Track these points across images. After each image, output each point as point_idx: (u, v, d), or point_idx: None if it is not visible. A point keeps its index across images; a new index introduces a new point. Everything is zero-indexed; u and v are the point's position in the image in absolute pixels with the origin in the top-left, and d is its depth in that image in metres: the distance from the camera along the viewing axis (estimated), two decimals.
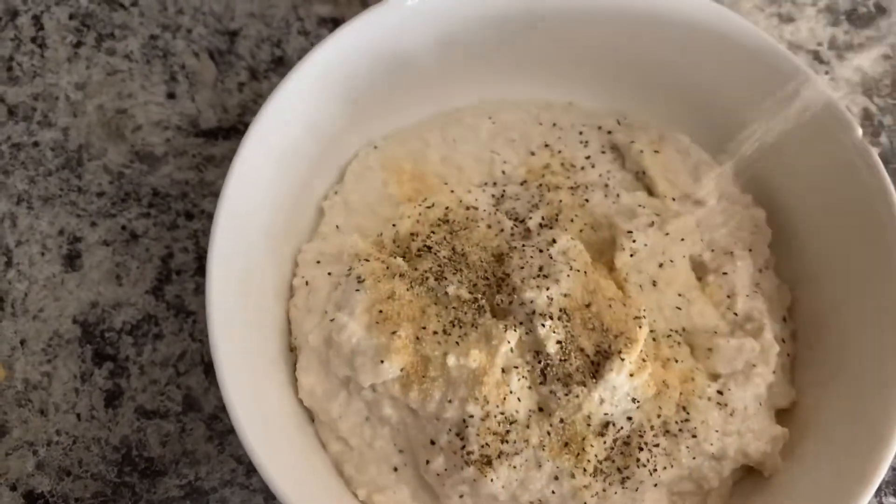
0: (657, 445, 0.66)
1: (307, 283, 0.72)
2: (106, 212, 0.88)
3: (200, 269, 0.86)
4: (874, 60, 0.99)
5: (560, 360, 0.64)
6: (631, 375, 0.64)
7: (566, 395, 0.63)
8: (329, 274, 0.71)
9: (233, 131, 0.92)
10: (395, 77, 0.78)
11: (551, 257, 0.66)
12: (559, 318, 0.65)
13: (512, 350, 0.64)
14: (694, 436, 0.67)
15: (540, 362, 0.64)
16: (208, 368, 0.82)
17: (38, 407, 0.80)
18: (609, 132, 0.79)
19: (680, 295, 0.71)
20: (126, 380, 0.82)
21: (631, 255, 0.69)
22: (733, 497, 0.71)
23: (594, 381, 0.63)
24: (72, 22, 0.96)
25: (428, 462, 0.65)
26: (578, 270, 0.66)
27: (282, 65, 0.95)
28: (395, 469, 0.67)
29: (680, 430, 0.67)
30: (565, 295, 0.65)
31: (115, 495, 0.78)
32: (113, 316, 0.84)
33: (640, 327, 0.64)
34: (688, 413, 0.67)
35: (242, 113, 0.93)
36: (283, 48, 0.96)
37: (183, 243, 0.87)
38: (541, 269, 0.66)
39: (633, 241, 0.69)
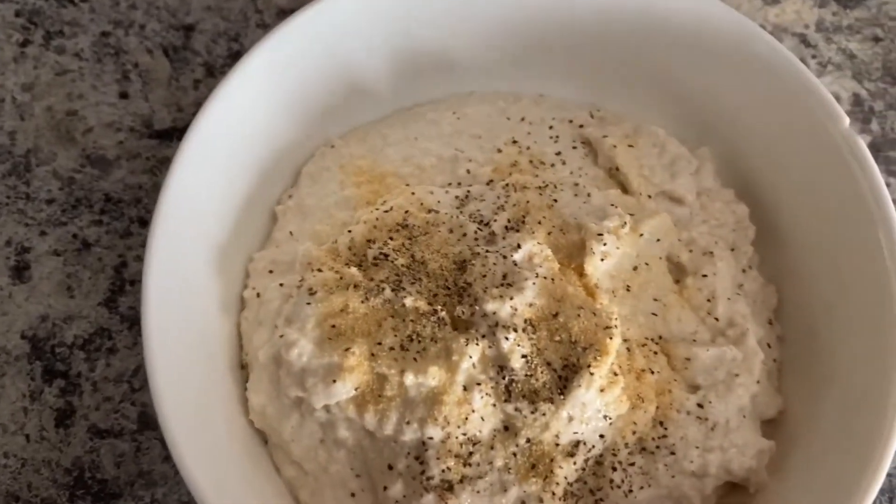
0: (632, 464, 0.62)
1: (258, 294, 0.68)
2: (56, 220, 0.84)
3: None
4: (864, 43, 0.94)
5: (525, 375, 0.59)
6: (602, 390, 0.59)
7: (532, 412, 0.59)
8: (281, 285, 0.66)
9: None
10: (353, 71, 0.74)
11: (515, 264, 0.62)
12: (524, 330, 0.60)
13: (474, 366, 0.60)
14: (672, 453, 0.62)
15: (504, 378, 0.60)
16: None
17: None
18: (581, 126, 0.75)
19: (656, 300, 0.67)
20: (78, 397, 0.78)
21: (602, 259, 0.64)
22: None
23: (562, 397, 0.59)
24: (18, 19, 0.91)
25: (386, 488, 0.61)
26: (545, 278, 0.62)
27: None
28: (353, 495, 0.63)
29: (657, 447, 0.62)
30: (530, 305, 0.61)
31: None
32: (64, 330, 0.80)
33: (610, 338, 0.60)
34: (665, 428, 0.63)
35: (198, 112, 0.88)
36: (240, 42, 0.91)
37: (137, 251, 0.83)
38: (504, 277, 0.62)
39: (605, 245, 0.64)
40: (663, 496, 0.63)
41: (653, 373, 0.63)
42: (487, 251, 0.63)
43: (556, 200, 0.66)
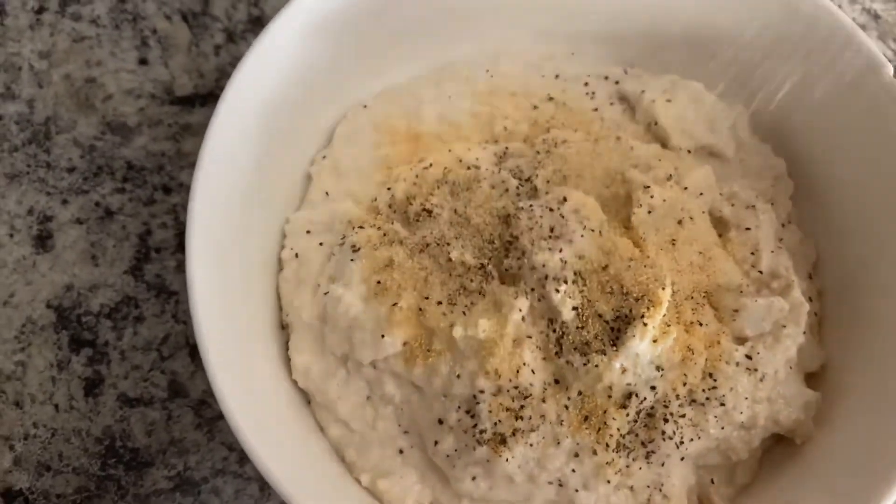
0: (683, 416, 0.62)
1: (297, 255, 0.67)
2: (78, 188, 0.82)
3: (181, 246, 0.81)
4: (888, 3, 0.94)
5: (577, 327, 0.59)
6: (654, 341, 0.59)
7: (584, 364, 0.58)
8: (320, 244, 0.66)
9: (210, 97, 0.86)
10: (385, 31, 0.72)
11: (563, 216, 0.61)
12: (574, 282, 0.59)
13: (524, 318, 0.59)
14: (722, 404, 0.62)
15: (555, 331, 0.59)
16: (194, 351, 0.77)
17: (12, 399, 0.75)
18: (617, 82, 0.74)
19: (701, 253, 0.66)
20: (106, 366, 0.77)
21: (649, 212, 0.64)
22: (762, 468, 0.66)
23: (614, 348, 0.58)
24: None
25: (436, 443, 0.60)
26: (593, 230, 0.61)
27: (260, 24, 0.89)
28: (401, 452, 0.62)
29: (707, 398, 0.62)
30: (580, 257, 0.60)
31: (100, 490, 0.73)
32: (89, 299, 0.79)
33: (663, 288, 0.59)
34: (715, 380, 0.62)
35: (220, 77, 0.87)
36: (260, 7, 0.89)
37: (161, 219, 0.82)
38: (552, 229, 0.61)
39: (651, 197, 0.63)
40: (712, 448, 0.63)
41: (701, 325, 0.63)
42: (532, 205, 0.63)
43: (597, 154, 0.66)
